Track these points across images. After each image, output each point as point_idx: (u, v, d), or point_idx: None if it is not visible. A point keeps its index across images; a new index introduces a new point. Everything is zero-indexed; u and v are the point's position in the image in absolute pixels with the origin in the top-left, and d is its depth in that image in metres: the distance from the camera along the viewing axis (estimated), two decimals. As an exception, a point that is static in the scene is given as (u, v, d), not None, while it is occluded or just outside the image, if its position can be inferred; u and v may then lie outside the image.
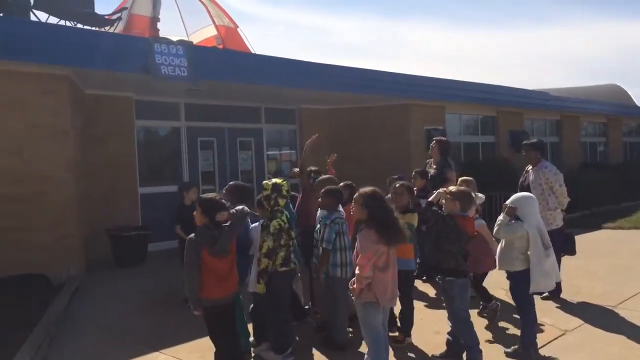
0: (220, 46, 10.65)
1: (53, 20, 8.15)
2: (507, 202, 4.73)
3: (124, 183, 9.15)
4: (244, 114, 11.30)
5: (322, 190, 5.00)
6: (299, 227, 5.28)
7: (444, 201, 4.63)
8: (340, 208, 5.01)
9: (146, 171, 9.88)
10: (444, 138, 7.45)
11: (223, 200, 4.01)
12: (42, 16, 8.16)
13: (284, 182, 4.68)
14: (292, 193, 6.19)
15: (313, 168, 6.24)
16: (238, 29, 11.54)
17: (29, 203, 6.74)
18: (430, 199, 4.71)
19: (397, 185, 5.32)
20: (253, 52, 11.01)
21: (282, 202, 4.57)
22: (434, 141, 7.26)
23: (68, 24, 8.20)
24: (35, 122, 6.87)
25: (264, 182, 4.75)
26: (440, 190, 4.72)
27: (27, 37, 6.70)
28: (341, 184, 6.34)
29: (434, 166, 7.10)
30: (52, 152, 7.00)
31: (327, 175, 5.74)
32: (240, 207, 4.15)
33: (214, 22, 11.31)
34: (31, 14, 7.94)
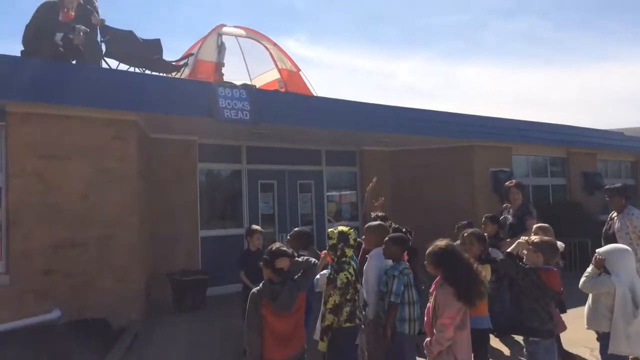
0: (283, 89, 10.72)
1: (123, 67, 8.41)
2: (598, 251, 4.31)
3: (185, 226, 9.18)
4: (304, 156, 11.24)
5: (388, 238, 4.72)
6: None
7: (525, 252, 4.26)
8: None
9: (207, 214, 9.89)
10: (518, 181, 6.95)
11: (285, 248, 3.80)
12: (113, 63, 8.45)
13: (351, 231, 4.42)
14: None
15: (380, 214, 5.98)
16: (300, 72, 11.62)
17: (93, 247, 6.79)
18: (509, 249, 4.34)
19: (466, 234, 4.99)
20: (315, 94, 11.00)
21: (349, 252, 4.30)
22: (513, 184, 6.79)
23: (137, 70, 8.44)
24: (102, 166, 6.99)
25: (329, 230, 4.51)
26: (521, 239, 4.34)
27: (99, 83, 6.91)
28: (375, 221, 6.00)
29: (512, 212, 6.64)
30: (118, 196, 7.07)
31: (377, 222, 5.37)
32: (306, 257, 3.92)
33: (276, 65, 11.45)
34: (102, 61, 8.23)
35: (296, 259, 3.78)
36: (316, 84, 11.57)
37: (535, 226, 5.41)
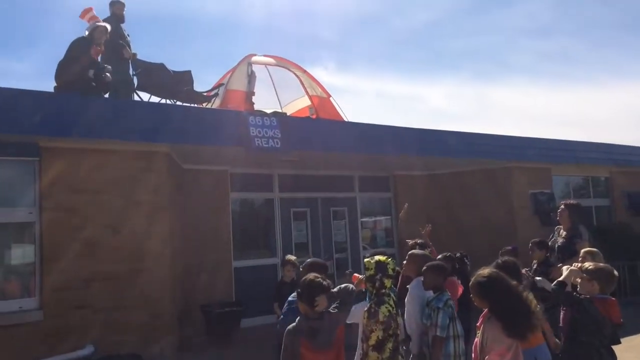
0: (314, 116, 10.64)
1: (154, 99, 8.47)
2: None
3: (218, 257, 9.07)
4: (337, 183, 11.08)
5: (427, 267, 4.46)
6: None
7: (578, 280, 3.94)
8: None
9: (240, 244, 9.78)
10: (574, 201, 6.55)
11: (320, 280, 3.58)
12: (145, 96, 8.52)
13: (389, 260, 4.15)
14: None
15: (419, 241, 5.74)
16: (331, 98, 11.53)
17: (125, 280, 6.70)
18: (561, 277, 4.02)
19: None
20: (346, 120, 10.88)
21: (388, 283, 4.03)
22: (562, 205, 6.42)
23: (168, 101, 8.48)
24: (134, 198, 6.96)
25: (366, 260, 4.27)
26: (573, 267, 4.03)
27: (130, 116, 6.93)
28: (439, 255, 5.79)
29: (564, 234, 6.25)
30: (150, 229, 7.01)
31: (421, 252, 5.13)
32: (344, 285, 3.70)
33: (307, 92, 11.39)
34: (134, 94, 8.29)
35: (332, 290, 3.57)
36: (346, 111, 11.42)
37: (582, 251, 5.05)
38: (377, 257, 4.18)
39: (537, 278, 5.65)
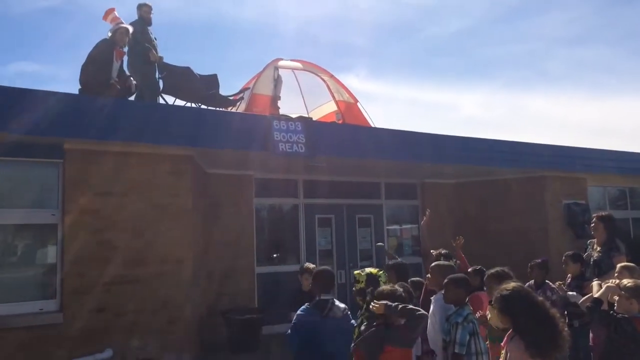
0: (340, 121, 10.49)
1: (180, 102, 8.44)
2: None
3: (241, 262, 8.97)
4: (363, 189, 10.89)
5: (448, 280, 4.24)
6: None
7: (615, 298, 3.68)
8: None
9: (263, 250, 9.67)
10: (606, 213, 6.22)
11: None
12: (170, 99, 8.50)
13: (381, 273, 4.01)
14: (418, 279, 5.48)
15: (443, 251, 5.53)
16: (358, 104, 11.36)
17: (146, 285, 6.64)
18: (597, 294, 3.74)
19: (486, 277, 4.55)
20: (373, 126, 10.69)
21: None
22: (595, 217, 6.11)
23: (194, 105, 8.45)
24: (158, 202, 6.90)
25: (356, 272, 4.12)
26: (610, 283, 3.76)
27: (155, 120, 6.88)
28: (470, 269, 5.58)
29: (598, 248, 5.93)
30: (173, 233, 6.93)
31: (446, 262, 4.96)
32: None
33: (333, 97, 11.26)
34: (160, 97, 8.28)
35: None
36: (377, 118, 11.29)
37: (619, 266, 4.74)
38: (368, 270, 4.05)
39: (570, 293, 5.38)
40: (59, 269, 6.36)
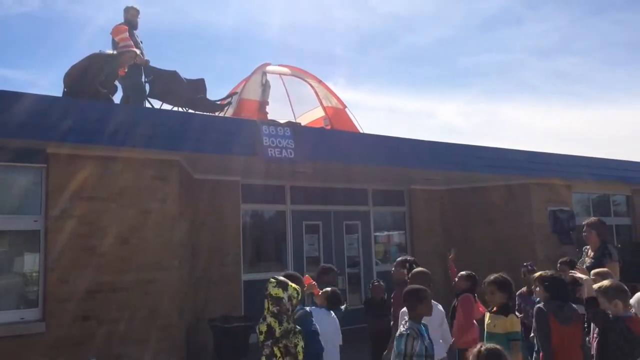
0: (328, 127, 10.45)
1: (166, 107, 8.32)
2: None
3: (227, 269, 8.85)
4: (350, 196, 10.85)
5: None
6: None
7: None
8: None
9: (250, 257, 9.57)
10: (596, 219, 6.23)
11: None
12: (157, 103, 8.37)
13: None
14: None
15: (409, 258, 5.69)
16: (346, 109, 11.34)
17: (132, 293, 6.49)
18: (587, 294, 3.82)
19: (486, 283, 4.62)
20: (362, 132, 10.67)
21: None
22: (586, 225, 6.11)
23: (181, 109, 8.33)
24: (144, 208, 6.76)
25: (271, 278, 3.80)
26: (585, 277, 3.89)
27: (141, 124, 6.74)
28: (462, 272, 5.73)
29: (592, 254, 5.93)
30: (159, 239, 6.80)
31: (421, 269, 5.18)
32: None
33: (321, 103, 11.22)
34: (146, 101, 8.15)
35: None
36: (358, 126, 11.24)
37: (594, 272, 4.74)
38: (280, 278, 3.77)
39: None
40: (41, 276, 6.17)
